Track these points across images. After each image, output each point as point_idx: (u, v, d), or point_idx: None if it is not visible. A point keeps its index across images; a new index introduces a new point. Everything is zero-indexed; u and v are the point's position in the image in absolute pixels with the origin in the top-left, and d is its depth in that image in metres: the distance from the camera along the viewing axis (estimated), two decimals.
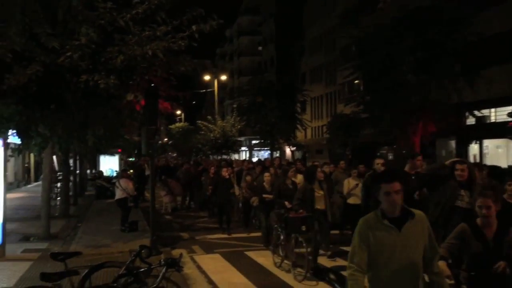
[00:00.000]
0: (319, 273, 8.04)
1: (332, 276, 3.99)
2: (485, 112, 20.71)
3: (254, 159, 35.84)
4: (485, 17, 16.89)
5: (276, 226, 9.47)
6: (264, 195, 11.14)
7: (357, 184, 10.73)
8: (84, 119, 10.42)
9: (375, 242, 3.32)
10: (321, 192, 9.24)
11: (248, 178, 13.25)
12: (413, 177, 7.49)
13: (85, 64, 9.04)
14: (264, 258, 9.82)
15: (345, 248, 10.47)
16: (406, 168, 7.55)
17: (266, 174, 11.73)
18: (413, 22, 14.80)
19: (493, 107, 21.28)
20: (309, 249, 8.27)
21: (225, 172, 13.64)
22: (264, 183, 11.43)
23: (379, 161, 8.75)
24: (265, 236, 11.06)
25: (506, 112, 17.17)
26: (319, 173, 9.46)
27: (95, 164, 32.45)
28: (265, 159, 23.48)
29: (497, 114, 21.27)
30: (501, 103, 20.17)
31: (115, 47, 9.29)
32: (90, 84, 8.90)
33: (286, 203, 9.50)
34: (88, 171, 30.42)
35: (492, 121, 21.64)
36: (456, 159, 7.58)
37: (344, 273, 3.53)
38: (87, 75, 8.92)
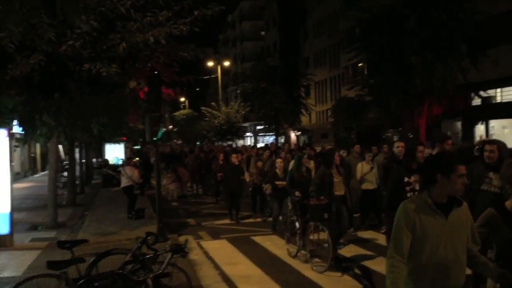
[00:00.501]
0: (341, 264, 7.68)
1: (357, 270, 3.68)
2: (491, 92, 20.53)
3: (260, 145, 35.86)
4: None
5: (289, 213, 9.14)
6: (277, 182, 10.72)
7: (371, 168, 10.42)
8: (88, 107, 10.42)
9: (420, 228, 3.08)
10: (339, 178, 8.81)
11: (259, 163, 12.96)
12: None
13: (87, 53, 9.01)
14: (270, 243, 9.85)
15: (357, 234, 10.36)
16: (434, 152, 7.09)
17: (279, 160, 11.26)
18: (418, 1, 14.59)
19: (499, 87, 21.10)
20: (330, 237, 7.76)
21: (235, 159, 13.20)
22: (277, 170, 11.02)
23: (399, 144, 8.28)
24: (274, 222, 10.92)
25: None
26: (336, 157, 8.99)
27: (100, 152, 32.57)
28: (271, 143, 23.41)
29: (503, 94, 21.09)
30: (507, 83, 19.98)
31: (117, 34, 9.24)
32: (93, 72, 8.88)
33: (297, 193, 9.14)
34: (94, 160, 30.55)
35: (498, 101, 21.47)
36: (486, 138, 7.20)
37: (365, 263, 3.27)
38: (90, 63, 8.89)
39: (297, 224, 8.68)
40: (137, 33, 9.10)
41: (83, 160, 22.12)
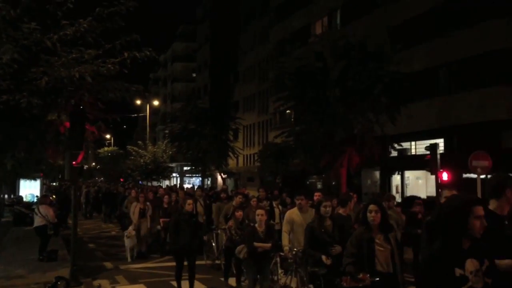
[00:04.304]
0: None
1: None
2: (406, 144, 21.96)
3: (187, 185, 35.43)
4: (406, 55, 18.06)
5: None
6: (257, 244, 7.69)
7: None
8: (2, 141, 9.86)
9: None
10: (387, 246, 5.42)
11: (239, 213, 9.33)
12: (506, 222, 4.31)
13: (6, 84, 8.63)
14: None
15: None
16: (492, 207, 4.20)
17: (260, 211, 7.92)
18: (340, 57, 15.53)
19: (413, 140, 22.67)
20: None
21: (189, 206, 9.22)
22: (257, 225, 7.88)
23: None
24: None
25: (425, 146, 18.27)
26: (374, 212, 5.41)
27: (14, 188, 30.65)
28: (199, 186, 22.28)
29: (417, 147, 22.64)
30: (420, 137, 21.53)
31: (40, 67, 8.96)
32: (11, 104, 8.48)
33: (324, 258, 6.59)
34: (6, 196, 28.63)
35: (412, 153, 22.97)
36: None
37: None
38: (8, 95, 8.51)
39: None
40: (62, 68, 8.86)
41: None
